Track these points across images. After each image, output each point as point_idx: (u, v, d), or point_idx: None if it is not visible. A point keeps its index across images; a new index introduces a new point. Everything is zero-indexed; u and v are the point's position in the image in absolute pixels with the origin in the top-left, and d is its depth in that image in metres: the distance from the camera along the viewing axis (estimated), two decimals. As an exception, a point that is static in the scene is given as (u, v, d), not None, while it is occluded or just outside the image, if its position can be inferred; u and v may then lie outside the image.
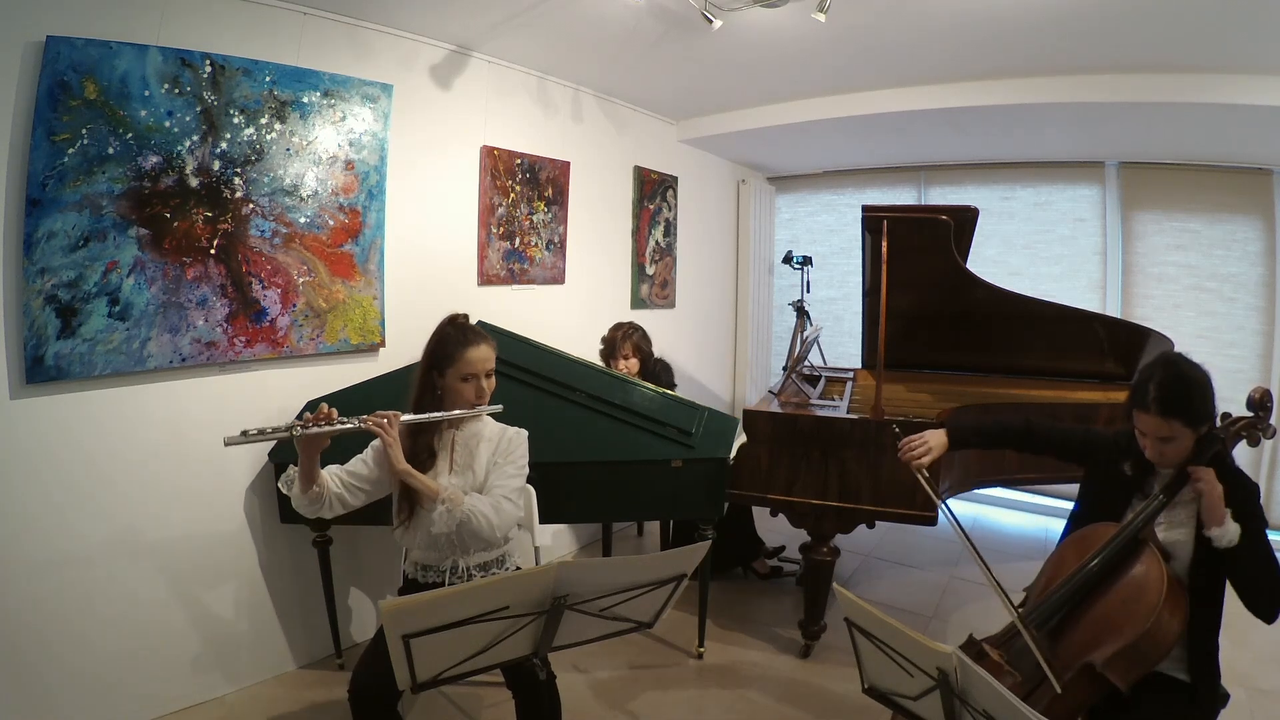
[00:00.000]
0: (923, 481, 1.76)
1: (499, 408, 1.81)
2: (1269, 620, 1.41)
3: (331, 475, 1.71)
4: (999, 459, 3.00)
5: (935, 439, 1.83)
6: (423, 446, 1.78)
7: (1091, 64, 3.05)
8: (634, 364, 3.29)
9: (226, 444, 1.49)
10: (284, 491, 1.70)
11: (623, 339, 3.30)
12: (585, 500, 2.53)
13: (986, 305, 3.21)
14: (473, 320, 1.89)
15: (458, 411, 1.76)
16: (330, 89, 2.55)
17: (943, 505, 1.75)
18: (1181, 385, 1.47)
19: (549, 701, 1.75)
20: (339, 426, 1.59)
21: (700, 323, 4.96)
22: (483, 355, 1.78)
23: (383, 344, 2.81)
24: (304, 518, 2.40)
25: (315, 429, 1.56)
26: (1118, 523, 1.57)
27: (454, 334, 1.80)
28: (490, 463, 1.80)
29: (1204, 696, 1.47)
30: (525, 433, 1.88)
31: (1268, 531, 1.45)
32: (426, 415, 1.73)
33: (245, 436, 1.48)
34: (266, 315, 2.44)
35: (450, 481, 1.77)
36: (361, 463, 1.76)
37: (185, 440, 2.30)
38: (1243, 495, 1.46)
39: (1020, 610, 1.53)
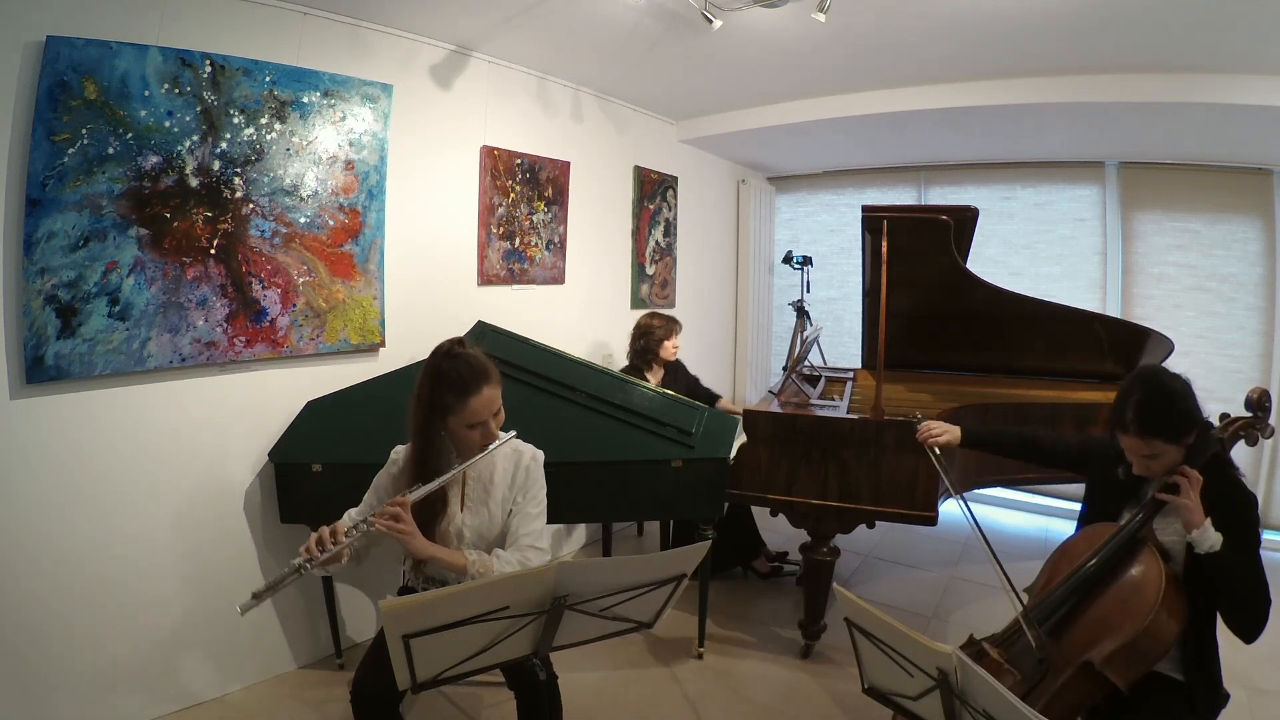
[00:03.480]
0: (934, 459, 1.93)
1: (512, 435, 1.68)
2: (1246, 639, 1.40)
3: (351, 520, 1.61)
4: (999, 459, 3.00)
5: (951, 428, 2.00)
6: (435, 495, 1.62)
7: (1091, 64, 3.05)
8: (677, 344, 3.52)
9: (242, 612, 1.38)
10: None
11: (670, 325, 3.48)
12: (585, 500, 2.52)
13: (986, 305, 3.21)
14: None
15: (468, 463, 1.61)
16: (330, 89, 2.55)
17: (959, 498, 1.85)
18: (1159, 402, 1.45)
19: (549, 701, 1.75)
20: (345, 543, 1.48)
21: (700, 323, 4.96)
22: (487, 400, 1.58)
23: (383, 344, 2.81)
24: (303, 517, 2.41)
25: (326, 555, 1.45)
26: (1118, 523, 1.57)
27: (453, 378, 1.57)
28: (508, 500, 1.68)
29: (1202, 696, 1.47)
30: (542, 454, 1.75)
31: (1259, 547, 1.43)
32: (437, 483, 1.57)
33: (256, 599, 1.38)
34: (266, 315, 2.44)
35: (464, 520, 1.67)
36: (368, 505, 1.69)
37: (185, 440, 2.30)
38: (1231, 505, 1.44)
39: (1021, 595, 1.55)
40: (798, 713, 2.42)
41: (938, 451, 1.96)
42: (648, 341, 3.44)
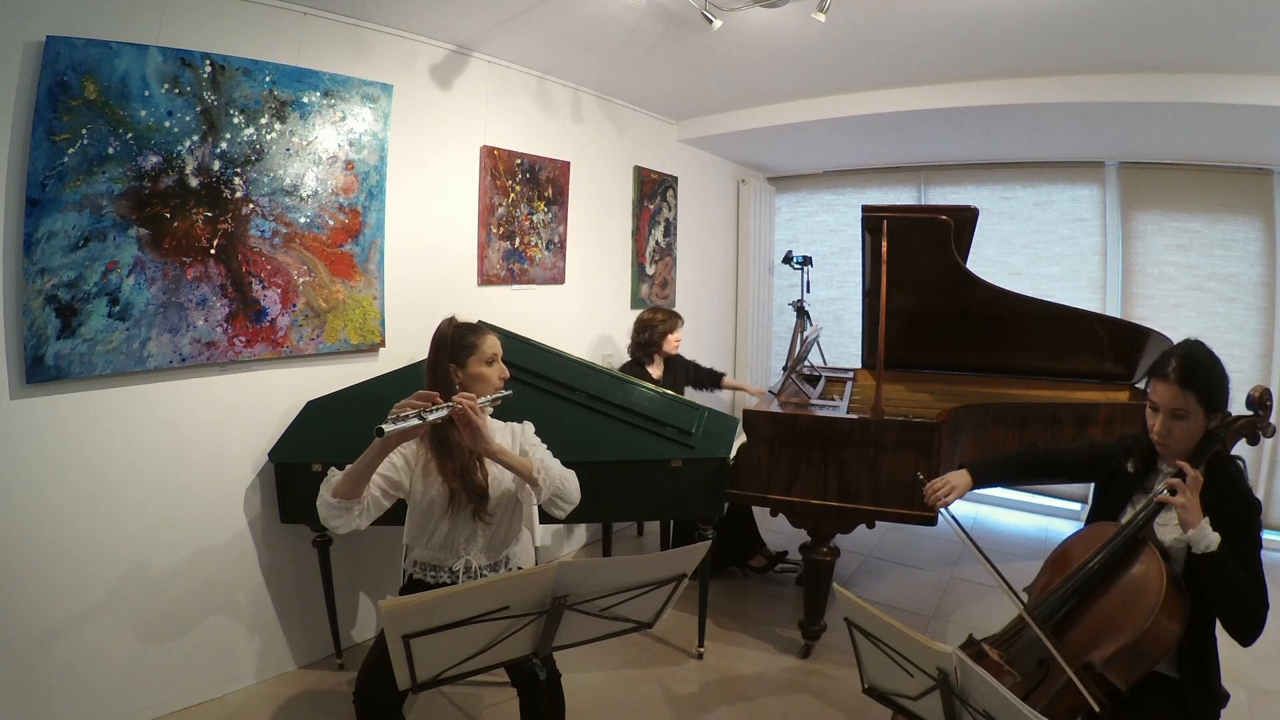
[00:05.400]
0: (949, 521, 1.79)
1: (509, 391, 1.82)
2: (1242, 642, 1.40)
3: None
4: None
5: (958, 479, 1.88)
6: (455, 445, 1.74)
7: (1091, 64, 3.05)
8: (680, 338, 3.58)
9: (384, 433, 1.45)
10: (327, 498, 1.60)
11: (672, 319, 3.51)
12: (585, 500, 2.51)
13: (986, 305, 3.21)
14: (473, 321, 1.90)
15: (498, 394, 1.77)
16: (330, 89, 2.55)
17: (970, 540, 1.71)
18: (1204, 365, 1.50)
19: (552, 698, 1.75)
20: (439, 414, 1.55)
21: (700, 323, 4.95)
22: (495, 340, 1.84)
23: (383, 344, 2.81)
24: (303, 517, 2.41)
25: (437, 414, 1.53)
26: (1118, 523, 1.57)
27: (466, 326, 1.83)
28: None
29: (1197, 696, 1.46)
30: (529, 423, 1.92)
31: (1259, 550, 1.43)
32: (489, 398, 1.72)
33: (394, 422, 1.47)
34: (266, 315, 2.44)
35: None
36: (391, 465, 1.69)
37: (185, 440, 2.30)
38: (1231, 508, 1.44)
39: (1021, 595, 1.54)
40: (798, 713, 2.42)
41: (951, 514, 1.82)
42: (651, 335, 3.47)
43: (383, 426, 1.45)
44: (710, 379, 3.76)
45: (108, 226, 2.04)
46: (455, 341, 1.78)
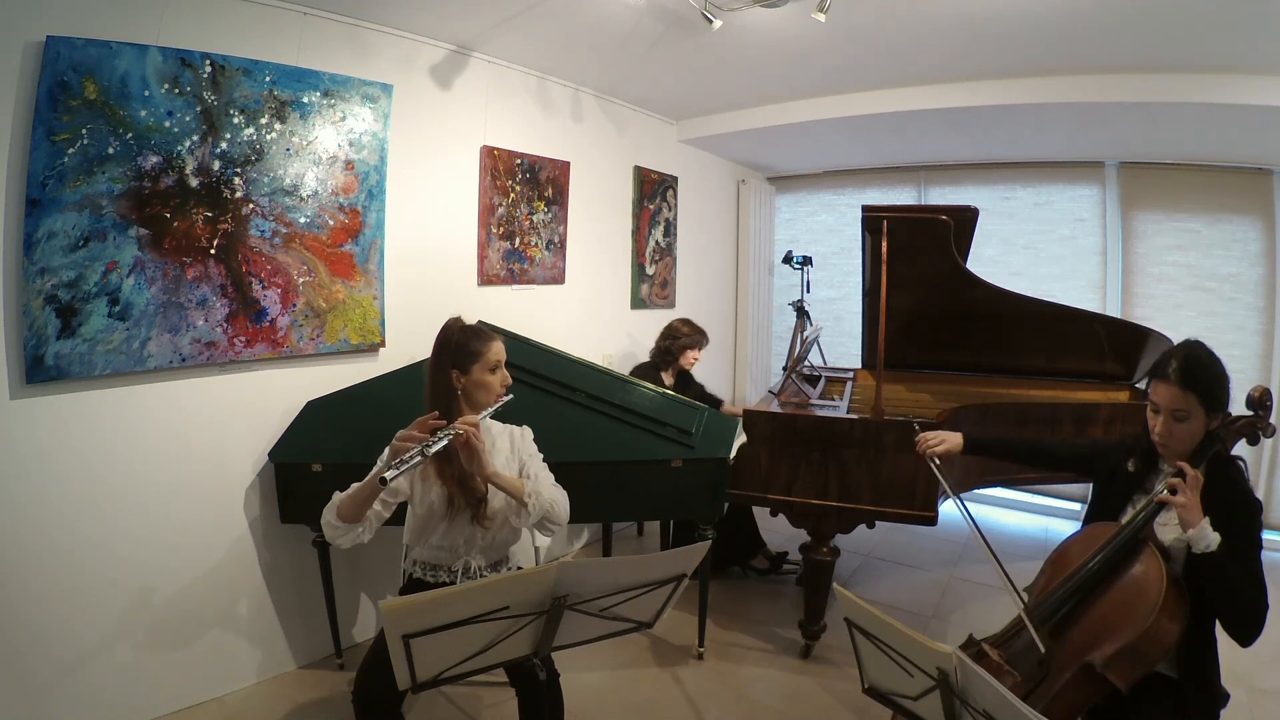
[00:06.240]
0: (935, 470, 1.88)
1: (510, 396, 1.83)
2: (1243, 643, 1.40)
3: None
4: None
5: (951, 435, 1.95)
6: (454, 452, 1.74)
7: (1091, 64, 3.05)
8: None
9: (389, 480, 1.47)
10: (330, 520, 1.65)
11: (696, 337, 3.53)
12: (585, 500, 2.50)
13: (986, 305, 3.21)
14: (471, 321, 1.90)
15: (499, 403, 1.78)
16: (330, 89, 2.55)
17: (956, 499, 1.80)
18: (1205, 366, 1.50)
19: (551, 699, 1.75)
20: (440, 445, 1.56)
21: (700, 323, 4.93)
22: (501, 346, 1.83)
23: (383, 344, 2.81)
24: (303, 517, 2.41)
25: (438, 445, 1.54)
26: (1118, 523, 1.57)
27: (471, 331, 1.80)
28: (511, 462, 1.82)
29: (1199, 695, 1.46)
30: (529, 428, 1.91)
31: (1259, 551, 1.42)
32: (490, 410, 1.74)
33: (396, 468, 1.49)
34: (266, 315, 2.44)
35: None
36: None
37: (185, 441, 2.30)
38: (1231, 508, 1.44)
39: (1025, 601, 1.55)
40: (798, 713, 2.42)
41: (938, 462, 1.91)
42: (671, 345, 3.52)
43: (385, 476, 1.47)
44: (712, 406, 3.77)
45: (108, 226, 2.04)
46: (460, 347, 1.77)
